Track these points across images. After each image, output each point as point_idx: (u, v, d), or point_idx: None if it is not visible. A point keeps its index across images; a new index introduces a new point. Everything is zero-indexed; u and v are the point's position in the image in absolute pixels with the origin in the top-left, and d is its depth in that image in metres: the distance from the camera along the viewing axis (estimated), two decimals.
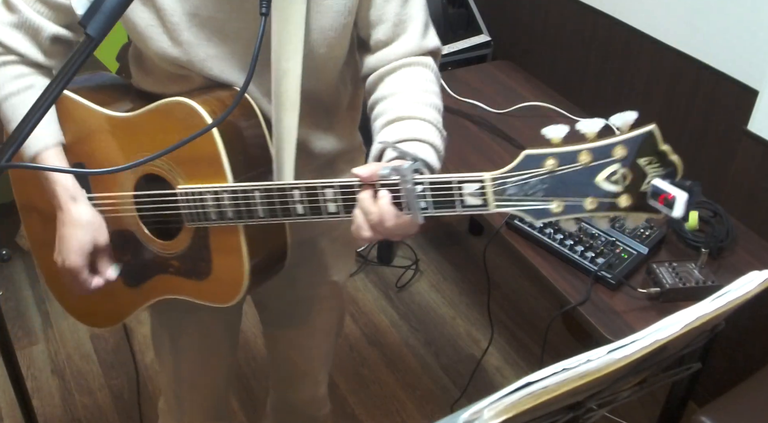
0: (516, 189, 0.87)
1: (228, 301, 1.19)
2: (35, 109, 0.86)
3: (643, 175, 0.82)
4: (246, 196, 1.06)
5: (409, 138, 1.05)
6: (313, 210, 1.02)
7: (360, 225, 0.96)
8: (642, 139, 0.82)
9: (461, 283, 2.78)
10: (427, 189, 0.92)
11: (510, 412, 0.69)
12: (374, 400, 2.31)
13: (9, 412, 2.21)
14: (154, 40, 1.09)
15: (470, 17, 2.86)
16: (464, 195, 0.91)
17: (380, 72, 1.15)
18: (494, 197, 0.89)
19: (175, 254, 1.20)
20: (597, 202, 0.84)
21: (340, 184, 0.99)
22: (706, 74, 2.05)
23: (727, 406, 1.62)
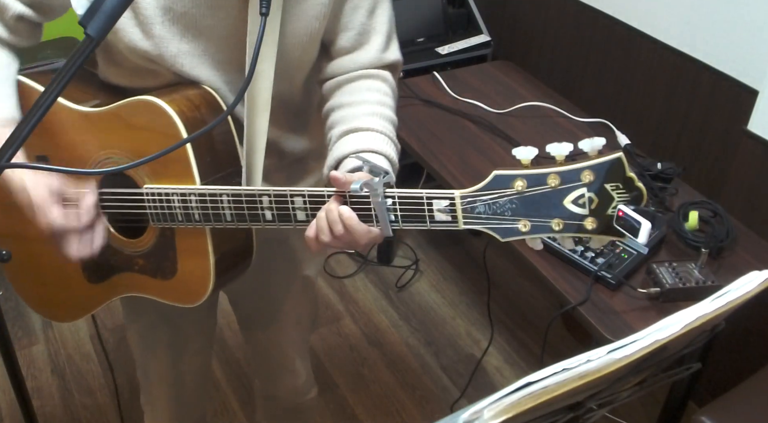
0: (485, 207, 0.89)
1: (193, 302, 1.18)
2: (35, 109, 0.86)
3: (609, 199, 0.85)
4: (214, 199, 1.06)
5: (365, 149, 1.08)
6: (282, 217, 1.02)
7: (321, 228, 0.96)
8: (609, 166, 0.85)
9: (461, 283, 2.78)
10: (397, 203, 0.94)
11: (510, 412, 0.69)
12: (374, 400, 2.31)
13: (9, 412, 2.21)
14: (126, 32, 1.07)
15: (470, 17, 2.86)
16: (434, 211, 0.93)
17: (338, 79, 1.17)
18: (463, 215, 0.91)
19: (140, 252, 1.19)
20: (563, 223, 0.87)
21: (309, 193, 0.99)
22: (706, 74, 2.05)
23: (727, 406, 1.62)
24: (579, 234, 0.87)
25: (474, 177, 2.00)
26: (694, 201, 1.87)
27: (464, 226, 0.92)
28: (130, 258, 1.20)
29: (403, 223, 0.95)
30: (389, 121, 1.14)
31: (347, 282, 2.77)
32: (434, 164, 2.05)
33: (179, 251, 1.16)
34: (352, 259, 2.87)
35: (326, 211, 0.97)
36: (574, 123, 2.22)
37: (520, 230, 0.89)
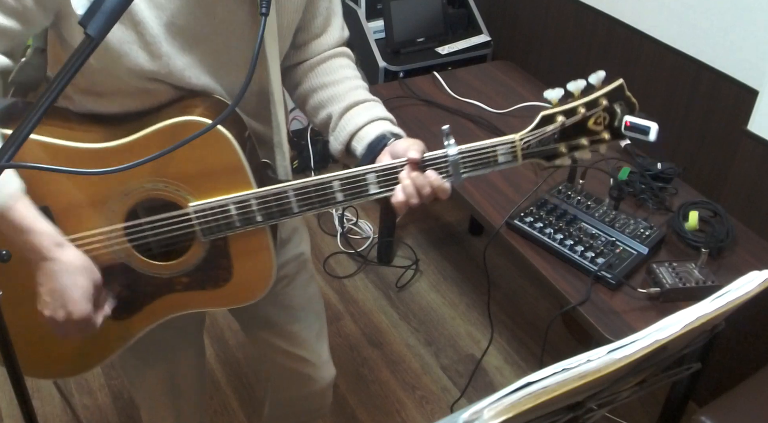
0: (536, 143, 1.11)
1: (255, 298, 1.22)
2: (34, 109, 0.86)
3: (615, 114, 1.11)
4: (279, 197, 1.10)
5: (376, 117, 1.21)
6: (354, 195, 1.12)
7: (411, 194, 1.09)
8: (616, 89, 1.11)
9: (461, 283, 2.78)
10: (468, 158, 1.11)
11: (510, 412, 0.69)
12: (374, 400, 2.31)
13: (9, 412, 2.21)
14: (130, 57, 1.05)
15: (470, 17, 2.86)
16: (498, 156, 1.11)
17: (311, 63, 1.27)
18: (522, 153, 1.11)
19: (184, 271, 1.17)
20: (589, 139, 1.12)
21: (381, 169, 1.10)
22: (706, 74, 2.05)
23: (727, 406, 1.62)
24: (600, 144, 1.13)
25: (473, 176, 2.01)
26: (694, 201, 1.87)
27: (522, 161, 1.12)
28: (170, 280, 1.18)
29: (471, 172, 1.12)
30: (367, 88, 1.28)
31: (347, 282, 2.77)
32: None
33: (234, 256, 1.17)
34: (352, 259, 2.87)
35: (412, 178, 1.09)
36: None
37: (561, 152, 1.12)
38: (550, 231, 1.75)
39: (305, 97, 1.29)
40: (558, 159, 1.12)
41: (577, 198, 1.83)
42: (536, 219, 1.79)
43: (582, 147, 1.12)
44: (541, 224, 1.77)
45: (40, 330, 1.22)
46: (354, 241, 2.94)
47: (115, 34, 1.03)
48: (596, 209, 1.80)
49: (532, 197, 1.89)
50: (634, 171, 1.93)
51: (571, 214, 1.80)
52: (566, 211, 1.81)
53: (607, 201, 1.83)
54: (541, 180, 1.96)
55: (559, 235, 1.74)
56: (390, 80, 2.61)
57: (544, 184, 1.94)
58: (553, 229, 1.75)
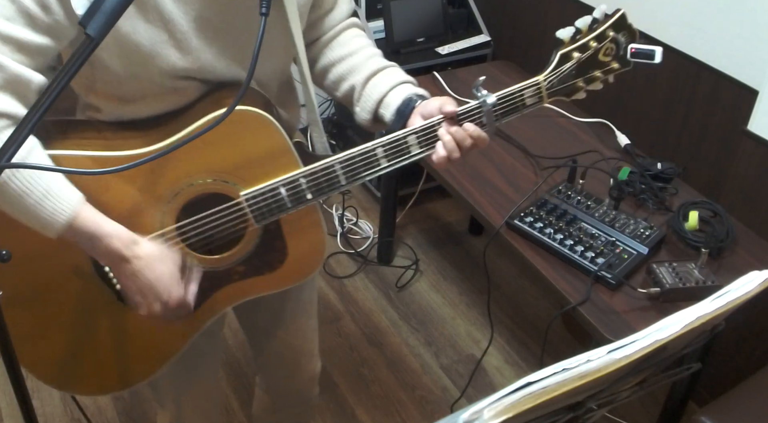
0: (558, 81, 1.18)
1: (311, 274, 1.27)
2: (35, 109, 0.86)
3: (620, 43, 1.19)
4: (327, 171, 1.13)
5: (400, 82, 1.25)
6: (396, 159, 1.16)
7: (452, 149, 1.14)
8: (619, 21, 1.19)
9: (461, 283, 2.78)
10: (501, 106, 1.17)
11: (510, 412, 0.69)
12: (374, 400, 2.31)
13: (9, 412, 2.21)
14: (162, 56, 1.05)
15: (470, 17, 2.86)
16: (525, 99, 1.18)
17: (325, 38, 1.29)
18: (546, 93, 1.18)
19: (239, 260, 1.19)
20: (601, 71, 1.20)
21: (420, 129, 1.15)
22: (706, 74, 2.05)
23: (727, 406, 1.62)
24: (610, 74, 1.21)
25: (473, 177, 2.01)
26: (694, 201, 1.87)
27: (547, 101, 1.19)
28: (227, 272, 1.20)
29: (503, 118, 1.18)
30: (383, 55, 1.32)
31: (347, 282, 2.77)
32: None
33: (288, 237, 1.21)
34: (352, 259, 2.87)
35: (452, 133, 1.13)
36: (574, 123, 2.22)
37: (579, 86, 1.20)
38: (550, 231, 1.75)
39: (324, 73, 1.31)
40: (576, 94, 1.21)
41: (577, 198, 1.83)
42: (536, 219, 1.79)
43: (595, 79, 1.20)
44: (541, 224, 1.77)
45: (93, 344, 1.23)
46: (354, 241, 2.94)
47: (147, 36, 1.04)
48: (596, 209, 1.80)
49: (532, 197, 1.89)
50: (634, 171, 1.93)
51: (571, 214, 1.80)
52: (566, 211, 1.81)
53: (607, 201, 1.82)
54: (541, 180, 1.96)
55: (559, 235, 1.74)
56: None
57: (544, 184, 1.94)
58: (553, 229, 1.75)
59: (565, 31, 1.18)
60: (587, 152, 2.07)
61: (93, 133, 1.14)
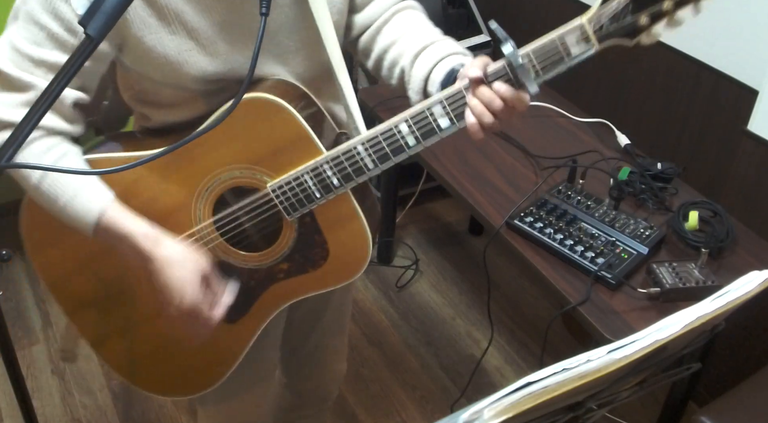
0: (609, 20, 0.96)
1: (357, 272, 1.17)
2: (35, 108, 0.86)
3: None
4: (350, 155, 1.06)
5: (446, 54, 1.13)
6: (426, 134, 1.04)
7: (481, 112, 0.99)
8: None
9: (461, 283, 2.78)
10: (533, 59, 0.98)
11: (510, 412, 0.69)
12: (374, 400, 2.31)
13: (9, 412, 2.21)
14: (191, 63, 1.06)
15: (470, 17, 2.86)
16: (569, 47, 0.98)
17: (376, 25, 1.21)
18: (595, 36, 0.97)
19: (282, 256, 1.15)
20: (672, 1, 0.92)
21: (447, 96, 1.01)
22: (706, 74, 2.05)
23: (727, 406, 1.62)
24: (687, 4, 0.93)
25: (474, 177, 2.01)
26: (694, 201, 1.87)
27: (598, 47, 0.97)
28: (270, 270, 1.17)
29: (544, 74, 0.99)
30: (440, 32, 1.19)
31: None
32: (434, 164, 2.05)
33: (326, 231, 1.13)
34: None
35: (477, 94, 1.00)
36: (574, 123, 2.22)
37: (642, 25, 0.95)
38: (550, 231, 1.75)
39: (379, 62, 1.23)
40: (641, 34, 0.96)
41: (577, 198, 1.83)
42: (536, 219, 1.79)
43: (665, 12, 0.94)
44: (541, 224, 1.77)
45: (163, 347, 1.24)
46: None
47: (173, 46, 1.05)
48: (596, 209, 1.80)
49: (532, 197, 1.89)
50: (634, 171, 1.93)
51: (571, 214, 1.80)
52: (566, 211, 1.81)
53: (607, 201, 1.82)
54: (541, 180, 1.96)
55: (559, 235, 1.74)
56: None
57: (544, 184, 1.94)
58: (553, 229, 1.75)
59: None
60: (587, 152, 2.07)
61: (136, 141, 1.17)
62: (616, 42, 0.97)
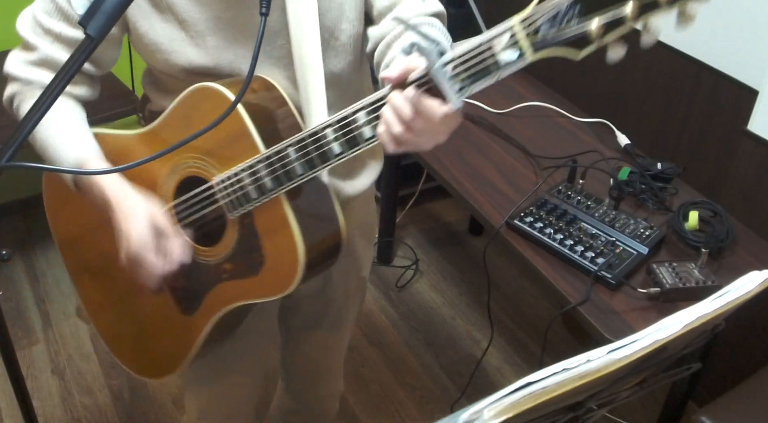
0: (549, 24, 0.79)
1: (284, 289, 1.11)
2: (35, 108, 0.86)
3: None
4: (281, 157, 1.02)
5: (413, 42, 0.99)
6: (350, 142, 0.97)
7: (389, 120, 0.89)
8: None
9: (461, 283, 2.78)
10: (458, 65, 0.84)
11: (510, 412, 0.69)
12: (374, 400, 2.31)
13: (9, 412, 2.21)
14: (179, 54, 1.09)
15: (470, 17, 2.86)
16: (497, 54, 0.82)
17: (387, 40, 1.12)
18: (529, 41, 0.81)
19: (226, 256, 1.14)
20: (638, 5, 0.75)
21: (370, 103, 0.93)
22: (706, 74, 2.05)
23: (727, 406, 1.62)
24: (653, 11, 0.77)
25: (474, 177, 2.01)
26: (694, 201, 1.87)
27: (534, 56, 0.81)
28: (217, 267, 1.16)
29: (472, 84, 0.85)
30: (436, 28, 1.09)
31: None
32: (434, 164, 2.05)
33: (262, 235, 1.10)
34: None
35: (389, 100, 0.89)
36: (574, 123, 2.22)
37: (592, 32, 0.78)
38: (550, 231, 1.75)
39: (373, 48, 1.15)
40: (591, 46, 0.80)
41: (577, 198, 1.83)
42: (536, 219, 1.79)
43: (625, 20, 0.77)
44: (541, 224, 1.77)
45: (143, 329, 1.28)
46: None
47: (164, 34, 1.08)
48: (596, 209, 1.80)
49: (532, 197, 1.89)
50: (634, 171, 1.93)
51: (571, 214, 1.80)
52: (566, 211, 1.81)
53: (607, 201, 1.82)
54: (541, 180, 1.96)
55: (559, 235, 1.74)
56: None
57: (544, 184, 1.94)
58: (553, 229, 1.75)
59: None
60: (587, 152, 2.07)
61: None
62: (558, 52, 0.81)
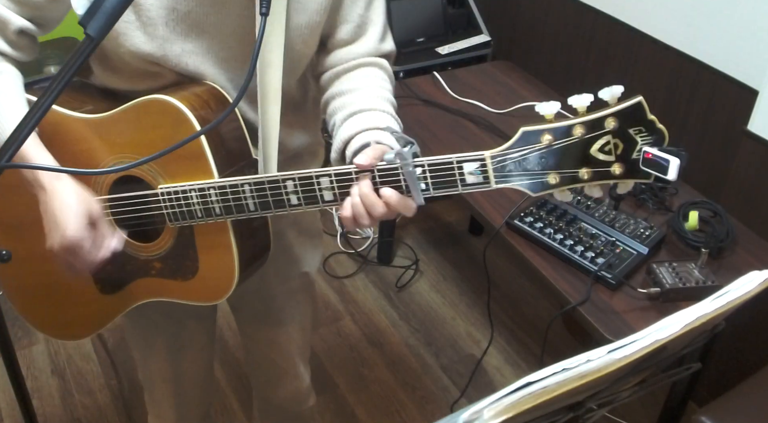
0: (515, 165, 0.93)
1: (217, 299, 1.18)
2: (35, 108, 0.86)
3: (633, 143, 0.87)
4: (235, 190, 1.06)
5: (371, 127, 1.10)
6: (309, 200, 1.03)
7: (360, 214, 0.99)
8: (631, 110, 0.87)
9: (461, 283, 2.78)
10: (427, 170, 0.95)
11: (510, 412, 0.69)
12: (374, 400, 2.31)
13: (9, 412, 2.21)
14: (128, 36, 1.08)
15: (470, 17, 2.86)
16: (465, 174, 0.95)
17: (337, 70, 1.20)
18: (494, 174, 0.94)
19: (157, 255, 1.18)
20: (591, 172, 0.90)
21: (336, 172, 1.00)
22: (706, 74, 2.05)
23: (727, 406, 1.62)
24: (607, 180, 0.89)
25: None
26: (694, 201, 1.87)
27: (496, 186, 0.94)
28: (146, 263, 1.19)
29: (435, 190, 0.97)
30: (389, 101, 1.17)
31: (347, 282, 2.77)
32: None
33: (200, 249, 1.15)
34: (352, 259, 2.87)
35: (361, 196, 0.98)
36: None
37: (550, 183, 0.92)
38: (550, 231, 1.75)
39: (325, 106, 1.23)
40: (550, 190, 0.94)
41: (577, 198, 1.83)
42: (536, 219, 1.79)
43: (580, 180, 0.90)
44: (541, 224, 1.77)
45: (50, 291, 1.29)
46: (354, 241, 2.94)
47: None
48: (596, 209, 1.80)
49: (532, 197, 1.89)
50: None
51: (571, 214, 1.80)
52: (566, 211, 1.81)
53: (607, 201, 1.83)
54: None
55: (559, 235, 1.74)
56: None
57: None
58: (553, 229, 1.75)
59: (548, 106, 0.92)
60: None
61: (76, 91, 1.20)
62: (516, 187, 0.94)
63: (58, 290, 1.29)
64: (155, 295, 1.23)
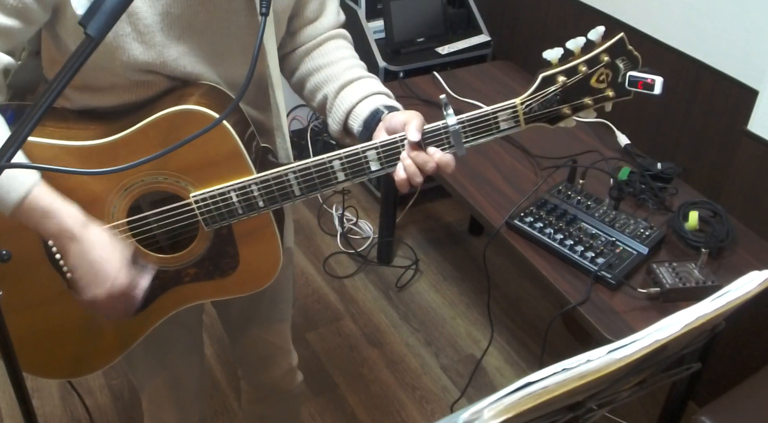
0: (539, 106, 1.11)
1: (264, 284, 1.23)
2: (35, 108, 0.86)
3: (618, 70, 1.10)
4: (280, 181, 1.10)
5: (371, 93, 1.21)
6: (356, 173, 1.11)
7: (414, 173, 1.09)
8: (617, 44, 1.09)
9: (461, 283, 2.78)
10: (467, 127, 1.11)
11: (510, 412, 0.69)
12: (374, 400, 2.31)
13: (9, 412, 2.21)
14: (125, 50, 1.06)
15: (470, 17, 2.86)
16: (500, 122, 1.11)
17: (307, 47, 1.27)
18: (524, 117, 1.11)
19: (191, 262, 1.18)
20: (593, 99, 1.11)
21: (381, 144, 1.10)
22: (706, 74, 2.05)
23: (727, 406, 1.62)
24: (604, 102, 1.11)
25: (473, 177, 2.01)
26: (694, 201, 1.87)
27: (525, 126, 1.11)
28: (178, 273, 1.19)
29: (474, 139, 1.12)
30: (365, 68, 1.28)
31: (347, 282, 2.77)
32: None
33: (240, 244, 1.17)
34: (352, 259, 2.87)
35: (413, 157, 1.09)
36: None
37: (565, 113, 1.11)
38: (550, 231, 1.75)
39: (302, 82, 1.30)
40: (562, 121, 1.12)
41: (577, 198, 1.83)
42: (536, 219, 1.79)
43: (586, 106, 1.11)
44: (541, 224, 1.77)
45: (47, 331, 1.23)
46: (354, 241, 2.94)
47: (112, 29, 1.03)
48: (596, 209, 1.80)
49: (532, 197, 1.89)
50: (634, 171, 1.93)
51: (571, 214, 1.80)
52: (566, 211, 1.81)
53: (607, 201, 1.83)
54: (541, 180, 1.96)
55: (559, 235, 1.74)
56: (390, 80, 2.61)
57: (544, 184, 1.94)
58: (553, 229, 1.75)
59: (553, 52, 1.09)
60: (587, 152, 2.07)
61: (55, 121, 1.13)
62: (540, 124, 1.12)
63: (73, 327, 1.24)
64: (189, 301, 1.23)
